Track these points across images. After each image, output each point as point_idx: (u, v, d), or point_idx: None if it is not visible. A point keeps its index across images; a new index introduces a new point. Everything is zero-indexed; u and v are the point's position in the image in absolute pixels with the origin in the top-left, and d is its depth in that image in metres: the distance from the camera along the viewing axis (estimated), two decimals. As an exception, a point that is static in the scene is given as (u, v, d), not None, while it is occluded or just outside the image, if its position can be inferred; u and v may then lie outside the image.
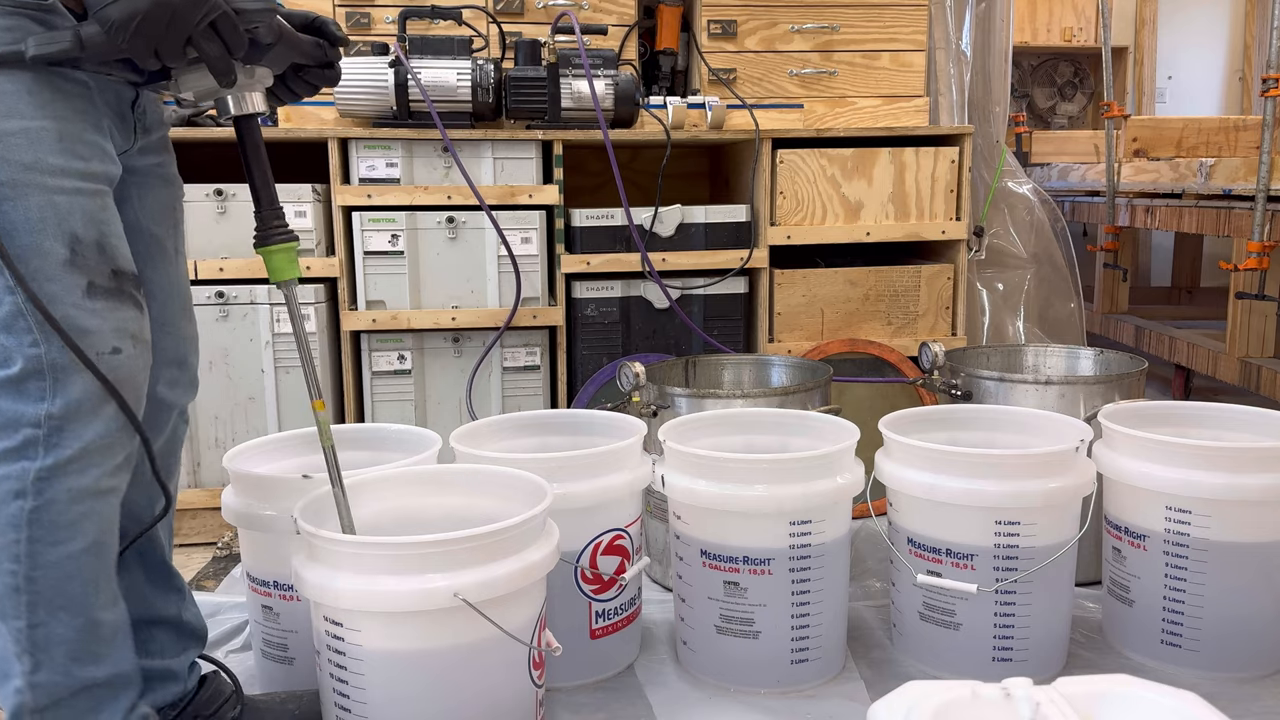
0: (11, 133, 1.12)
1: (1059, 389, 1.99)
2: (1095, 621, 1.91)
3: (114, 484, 1.20)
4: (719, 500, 1.61)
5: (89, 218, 1.17)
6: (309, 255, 2.47)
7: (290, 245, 1.32)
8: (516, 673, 1.38)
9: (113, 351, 1.18)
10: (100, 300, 1.17)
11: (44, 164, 1.13)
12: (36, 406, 1.14)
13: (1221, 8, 5.43)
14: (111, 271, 1.19)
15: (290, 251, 1.32)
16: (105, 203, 1.20)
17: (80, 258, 1.16)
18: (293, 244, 1.32)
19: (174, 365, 1.40)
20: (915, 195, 2.61)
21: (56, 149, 1.15)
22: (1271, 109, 2.79)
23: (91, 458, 1.17)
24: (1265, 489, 1.61)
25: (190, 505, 2.49)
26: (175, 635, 1.45)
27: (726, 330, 2.60)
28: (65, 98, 1.16)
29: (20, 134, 1.13)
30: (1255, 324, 2.99)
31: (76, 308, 1.15)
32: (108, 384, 1.16)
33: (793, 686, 1.67)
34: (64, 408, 1.14)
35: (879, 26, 2.77)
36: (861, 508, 1.79)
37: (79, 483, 1.16)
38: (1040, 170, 4.68)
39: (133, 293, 1.22)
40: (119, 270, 1.20)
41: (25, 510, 1.14)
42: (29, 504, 1.14)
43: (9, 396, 1.14)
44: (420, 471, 1.58)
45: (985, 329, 3.05)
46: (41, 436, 1.14)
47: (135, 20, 1.07)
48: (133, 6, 1.06)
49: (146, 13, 1.06)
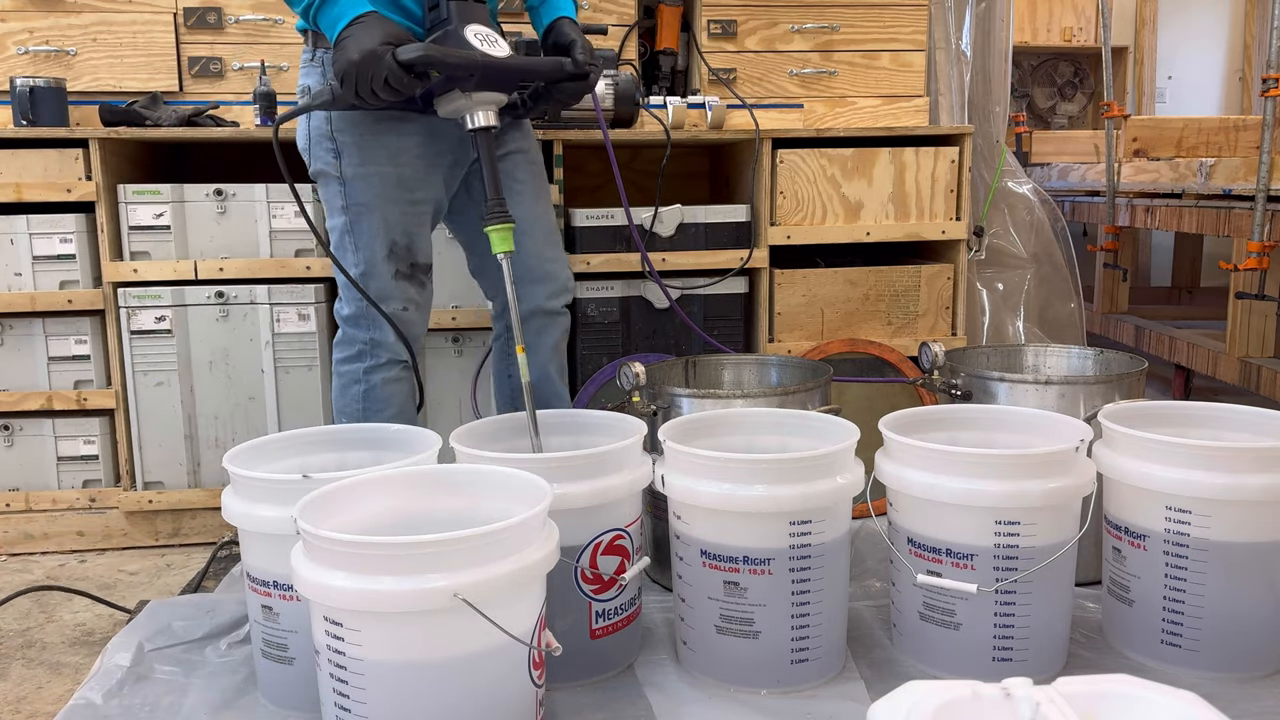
0: (366, 175, 1.84)
1: (1059, 389, 1.99)
2: (1095, 621, 1.91)
3: (403, 376, 1.95)
4: (719, 500, 1.61)
5: (403, 230, 1.88)
6: (309, 255, 2.47)
7: (508, 225, 1.76)
8: (516, 673, 1.38)
9: (402, 309, 1.91)
10: (400, 280, 1.89)
11: (385, 195, 1.85)
12: (364, 333, 1.91)
13: (1221, 8, 5.43)
14: (411, 264, 1.90)
15: (507, 230, 1.76)
16: (421, 219, 1.90)
17: (393, 255, 1.88)
18: (509, 224, 1.76)
19: (530, 280, 1.98)
20: (915, 195, 2.61)
21: (394, 187, 1.85)
22: (1271, 109, 2.79)
23: (390, 364, 1.92)
24: (1265, 489, 1.61)
25: (190, 505, 2.49)
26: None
27: (726, 330, 2.60)
28: (406, 148, 1.85)
29: (374, 177, 1.85)
30: (1255, 324, 2.99)
31: (386, 282, 1.88)
32: (395, 328, 1.89)
33: (793, 686, 1.67)
34: (374, 337, 1.90)
35: (879, 26, 2.77)
36: (861, 508, 1.79)
37: (385, 375, 1.92)
38: (1040, 170, 4.68)
39: (421, 277, 1.93)
40: (416, 263, 1.91)
41: (360, 392, 1.93)
42: (362, 388, 1.92)
43: (348, 326, 1.93)
44: (420, 471, 1.58)
45: (985, 329, 3.04)
46: (367, 350, 1.92)
47: (343, 77, 1.64)
48: (340, 70, 1.64)
49: (346, 72, 1.64)
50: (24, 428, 2.47)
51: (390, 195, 1.86)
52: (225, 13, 2.65)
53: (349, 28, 1.67)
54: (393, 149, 1.85)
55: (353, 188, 1.86)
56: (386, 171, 1.85)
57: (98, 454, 2.48)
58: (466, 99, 1.70)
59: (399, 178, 1.86)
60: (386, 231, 1.86)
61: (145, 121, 2.46)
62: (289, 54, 2.69)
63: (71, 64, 2.62)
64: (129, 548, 2.51)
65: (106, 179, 2.40)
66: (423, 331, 1.99)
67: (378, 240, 1.87)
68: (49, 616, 2.10)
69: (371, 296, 1.87)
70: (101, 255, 2.41)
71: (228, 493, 1.62)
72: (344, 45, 1.66)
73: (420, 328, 1.97)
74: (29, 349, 2.45)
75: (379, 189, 1.85)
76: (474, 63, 1.65)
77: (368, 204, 1.86)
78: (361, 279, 1.88)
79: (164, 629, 1.89)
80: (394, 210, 1.86)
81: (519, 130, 2.01)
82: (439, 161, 1.91)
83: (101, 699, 1.67)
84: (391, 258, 1.88)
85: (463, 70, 1.65)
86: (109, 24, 2.62)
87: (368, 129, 1.84)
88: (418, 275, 1.92)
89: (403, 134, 1.85)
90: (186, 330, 2.44)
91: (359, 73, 1.62)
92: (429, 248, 1.95)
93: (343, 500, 1.48)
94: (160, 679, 1.75)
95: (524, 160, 2.00)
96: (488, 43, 1.68)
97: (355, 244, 1.88)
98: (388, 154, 1.84)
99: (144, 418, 2.46)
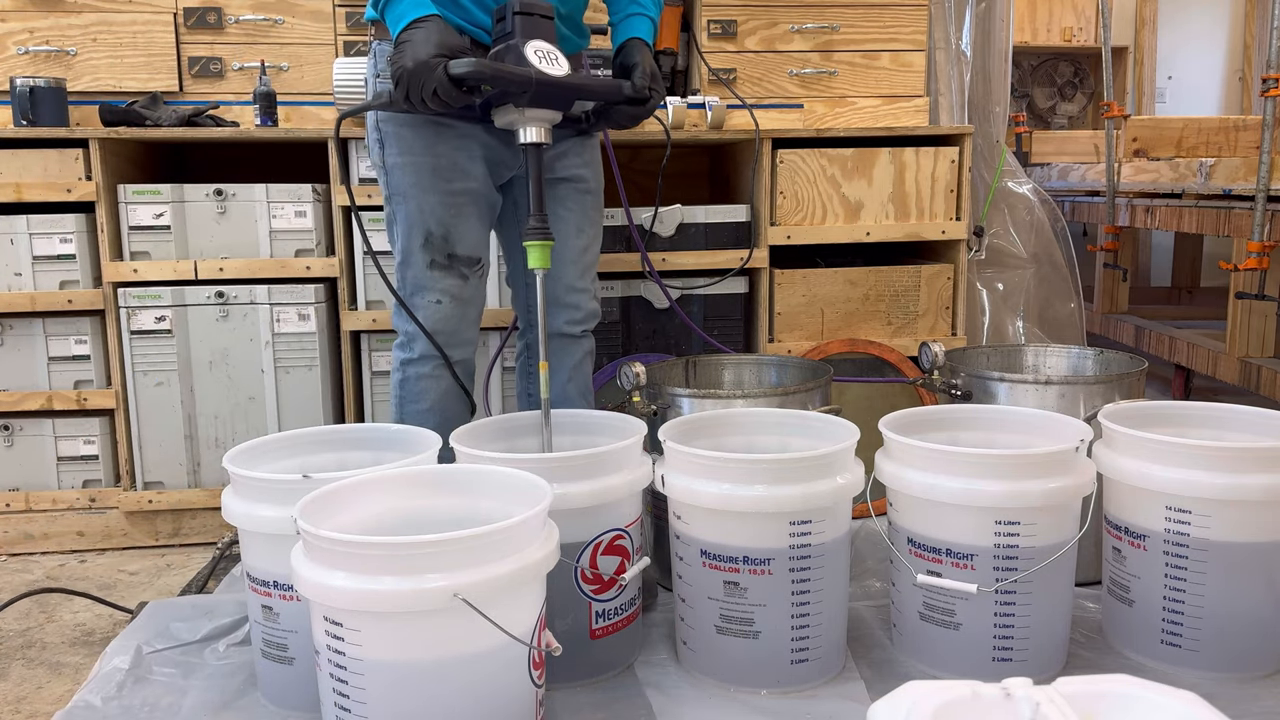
0: (404, 165, 1.86)
1: (1059, 389, 1.99)
2: (1095, 621, 1.91)
3: (438, 373, 1.94)
4: (719, 500, 1.61)
5: (439, 220, 1.88)
6: (309, 255, 2.47)
7: (547, 243, 1.77)
8: (516, 673, 1.38)
9: (436, 302, 1.90)
10: (436, 271, 1.89)
11: (420, 184, 1.86)
12: (404, 324, 1.93)
13: (1221, 8, 5.42)
14: (449, 255, 1.89)
15: (545, 248, 1.77)
16: (459, 210, 1.88)
17: (429, 245, 1.88)
18: (549, 242, 1.77)
19: (555, 304, 1.99)
20: (915, 195, 2.61)
21: (429, 175, 1.86)
22: (1271, 109, 2.79)
23: (425, 359, 1.93)
24: (1265, 489, 1.61)
25: (190, 505, 2.49)
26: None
27: (726, 330, 2.60)
28: (445, 139, 1.85)
29: (409, 166, 1.86)
30: (1255, 324, 2.99)
31: (421, 271, 1.89)
32: (418, 323, 1.88)
33: (793, 686, 1.67)
34: (410, 329, 1.92)
35: (879, 26, 2.77)
36: (861, 508, 1.79)
37: (419, 370, 1.93)
38: (1040, 170, 4.68)
39: (461, 269, 1.90)
40: (453, 254, 1.89)
41: (398, 381, 1.96)
42: (399, 377, 1.96)
43: (394, 315, 1.95)
44: (420, 471, 1.58)
45: (985, 329, 3.04)
46: (405, 342, 1.94)
47: (398, 84, 1.66)
48: (395, 75, 1.66)
49: (399, 79, 1.66)
50: (24, 428, 2.47)
51: (425, 184, 1.86)
52: (225, 13, 2.65)
53: (409, 29, 1.68)
54: (430, 139, 1.85)
55: (392, 176, 1.89)
56: (421, 161, 1.86)
57: (98, 454, 2.48)
58: (519, 114, 1.72)
59: (434, 167, 1.86)
60: (422, 220, 1.87)
61: (145, 121, 2.46)
62: (289, 54, 2.69)
63: (71, 64, 2.62)
64: (129, 548, 2.51)
65: (106, 179, 2.40)
66: (465, 328, 1.95)
67: (415, 229, 1.88)
68: (49, 617, 2.10)
69: (409, 285, 1.90)
70: (101, 255, 2.41)
71: (228, 493, 1.62)
72: (401, 49, 1.68)
73: (460, 323, 1.93)
74: (29, 349, 2.45)
75: (414, 178, 1.86)
76: (527, 79, 1.65)
77: (404, 192, 1.88)
78: (400, 267, 1.91)
79: (163, 631, 1.89)
80: (430, 199, 1.87)
81: (581, 154, 2.01)
82: (484, 155, 1.90)
83: (101, 701, 1.67)
84: (427, 247, 1.88)
85: (515, 86, 1.66)
86: (109, 24, 2.62)
87: (410, 120, 1.85)
88: (457, 267, 1.90)
89: (447, 125, 1.86)
90: (186, 330, 2.44)
91: (410, 81, 1.64)
92: (475, 240, 1.92)
93: (343, 500, 1.48)
94: (159, 680, 1.75)
95: (575, 190, 2.00)
96: (546, 60, 1.68)
97: (396, 233, 1.92)
98: (425, 144, 1.85)
99: (144, 418, 2.46)
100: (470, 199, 1.90)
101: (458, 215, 1.89)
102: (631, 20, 1.93)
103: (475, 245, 1.92)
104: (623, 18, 1.94)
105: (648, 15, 1.94)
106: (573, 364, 2.06)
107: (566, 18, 1.90)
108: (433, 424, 1.91)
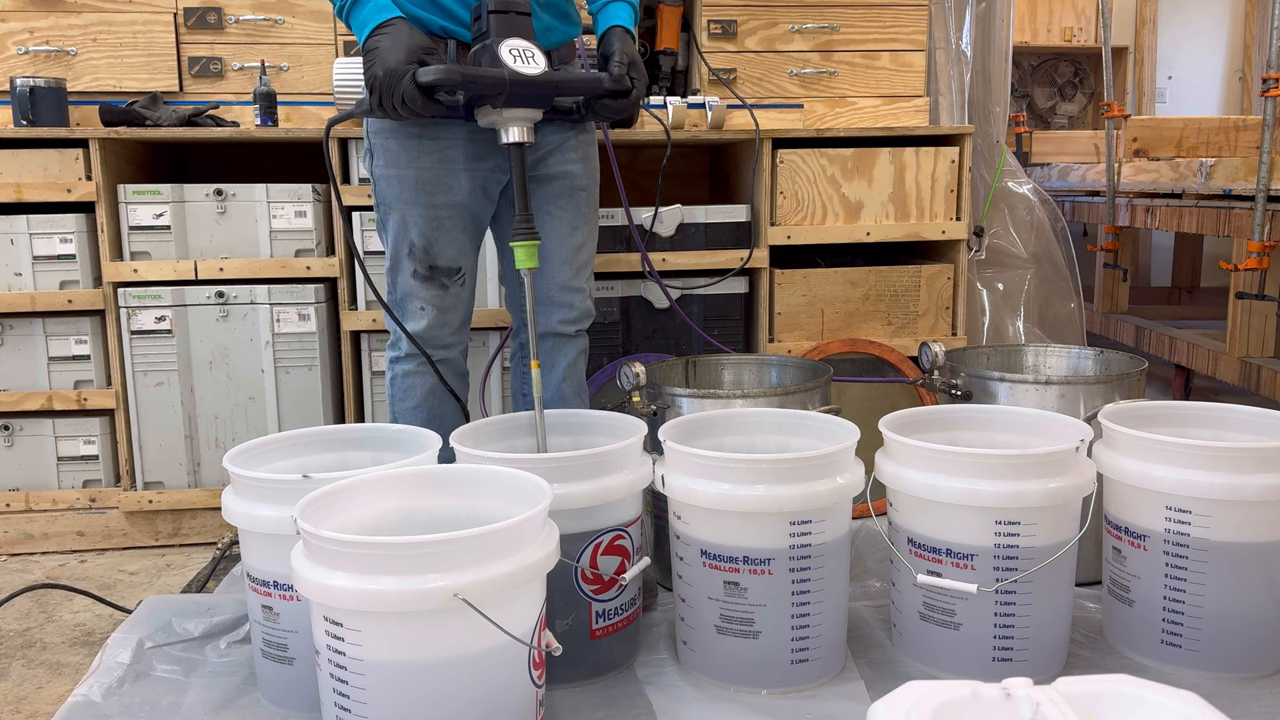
0: (389, 177, 1.89)
1: (1059, 389, 1.99)
2: (1095, 621, 1.91)
3: (423, 370, 1.97)
4: (719, 500, 1.61)
5: (421, 233, 1.90)
6: (309, 255, 2.47)
7: (533, 242, 1.76)
8: (516, 673, 1.38)
9: (420, 309, 1.94)
10: (418, 281, 1.92)
11: (404, 197, 1.88)
12: (392, 325, 1.97)
13: (1221, 8, 5.43)
14: (429, 266, 1.92)
15: (532, 247, 1.76)
16: (440, 223, 1.90)
17: (412, 255, 1.91)
18: (535, 241, 1.76)
19: (549, 303, 1.99)
20: (915, 195, 2.61)
21: (412, 189, 1.88)
22: (1271, 109, 2.79)
23: (410, 358, 1.98)
24: (1265, 489, 1.61)
25: (190, 505, 2.49)
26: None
27: (726, 330, 2.60)
28: (428, 151, 1.86)
29: (394, 179, 1.88)
30: (1255, 324, 2.99)
31: (407, 280, 1.93)
32: (402, 327, 1.94)
33: (793, 686, 1.67)
34: (397, 332, 1.97)
35: (879, 26, 2.77)
36: (861, 508, 1.79)
37: (405, 368, 1.99)
38: (1040, 170, 4.68)
39: (442, 280, 1.94)
40: (434, 265, 1.92)
41: (389, 380, 2.02)
42: (389, 376, 2.02)
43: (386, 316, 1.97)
44: (420, 471, 1.58)
45: (985, 329, 3.04)
46: (394, 341, 2.00)
47: (371, 91, 1.67)
48: (368, 84, 1.67)
49: (372, 88, 1.67)
50: (24, 428, 2.47)
51: (408, 197, 1.88)
52: (225, 13, 2.65)
53: (374, 36, 1.68)
54: (414, 152, 1.86)
55: (379, 187, 1.91)
56: (405, 175, 1.87)
57: (98, 454, 2.48)
58: (498, 114, 1.71)
59: (417, 180, 1.87)
60: (405, 232, 1.90)
61: (145, 121, 2.46)
62: (289, 54, 2.69)
63: (71, 64, 2.62)
64: (129, 548, 2.51)
65: (106, 179, 2.40)
66: (446, 334, 1.97)
67: (400, 240, 1.91)
68: (49, 616, 2.10)
69: (399, 290, 1.95)
70: (101, 255, 2.41)
71: (228, 493, 1.62)
72: (370, 57, 1.67)
73: (441, 330, 1.96)
74: (29, 349, 2.45)
75: (398, 190, 1.88)
76: (500, 80, 1.64)
77: (389, 204, 1.90)
78: (389, 272, 1.95)
79: (164, 626, 1.89)
80: (413, 211, 1.88)
81: (574, 150, 1.97)
82: (473, 166, 1.90)
83: (101, 697, 1.67)
84: (410, 258, 1.91)
85: (489, 89, 1.66)
86: (109, 24, 2.62)
87: (398, 131, 1.86)
88: (438, 278, 1.92)
89: (430, 138, 1.86)
90: (186, 330, 2.44)
91: (383, 90, 1.65)
92: (455, 252, 1.93)
93: (343, 500, 1.48)
94: (160, 677, 1.75)
95: (567, 187, 1.97)
96: (522, 59, 1.66)
97: (385, 240, 1.95)
98: (409, 157, 1.86)
99: (144, 418, 2.46)
100: (452, 212, 1.91)
101: (439, 228, 1.90)
102: (609, 8, 1.87)
103: (455, 257, 1.94)
104: (601, 5, 1.89)
105: (627, 1, 1.88)
106: (567, 363, 2.06)
107: (551, 6, 1.87)
108: (421, 420, 1.97)
